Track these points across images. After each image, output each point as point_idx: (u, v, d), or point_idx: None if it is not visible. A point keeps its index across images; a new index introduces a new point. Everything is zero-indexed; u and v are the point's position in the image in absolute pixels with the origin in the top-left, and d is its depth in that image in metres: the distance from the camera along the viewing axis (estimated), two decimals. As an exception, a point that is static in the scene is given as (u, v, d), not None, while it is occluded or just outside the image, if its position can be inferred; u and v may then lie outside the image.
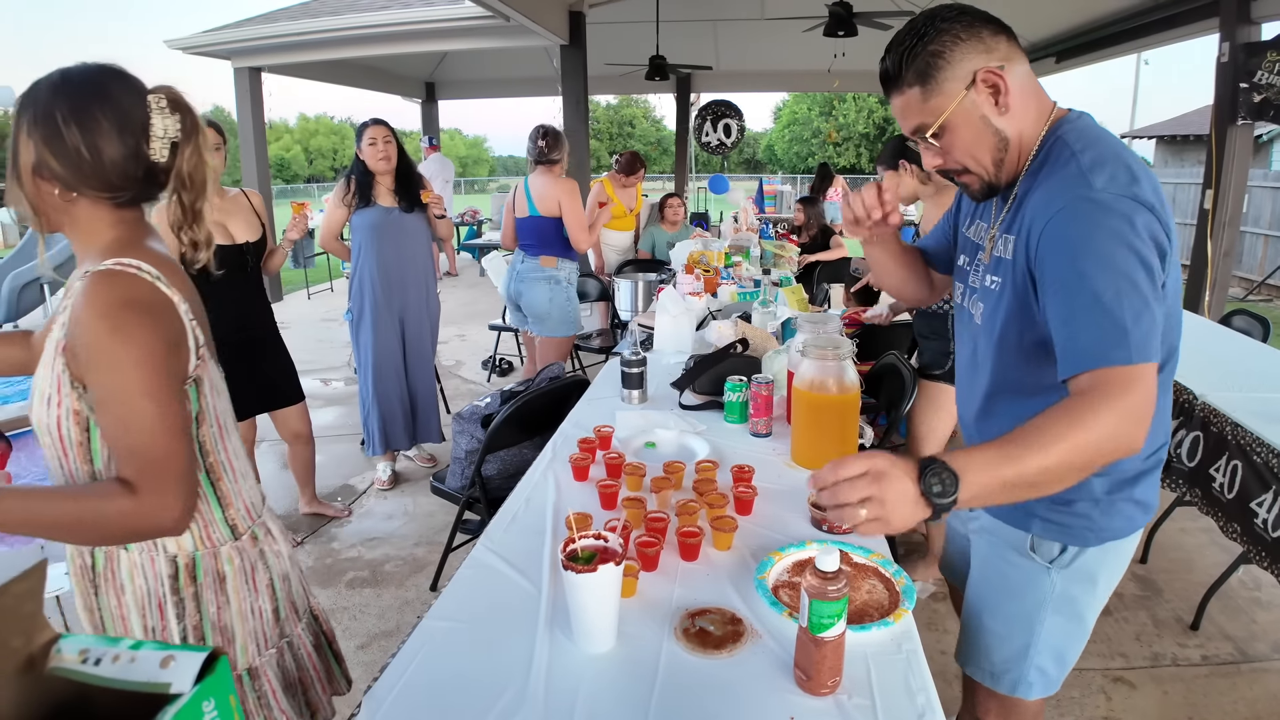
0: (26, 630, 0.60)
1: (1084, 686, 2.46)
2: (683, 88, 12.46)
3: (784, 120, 45.58)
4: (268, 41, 8.36)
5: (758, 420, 2.08)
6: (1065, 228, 1.14)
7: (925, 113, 1.25)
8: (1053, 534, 1.35)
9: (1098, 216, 1.11)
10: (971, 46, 1.20)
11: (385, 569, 3.17)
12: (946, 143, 1.27)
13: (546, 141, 3.96)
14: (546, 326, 4.10)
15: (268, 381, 3.22)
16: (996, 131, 1.24)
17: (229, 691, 0.53)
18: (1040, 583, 1.38)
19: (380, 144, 3.52)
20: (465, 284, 9.84)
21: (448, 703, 1.11)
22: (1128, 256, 1.09)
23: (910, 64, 1.23)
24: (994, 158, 1.26)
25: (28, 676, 0.60)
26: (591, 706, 1.10)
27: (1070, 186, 1.15)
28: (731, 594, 1.37)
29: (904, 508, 1.01)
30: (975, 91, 1.21)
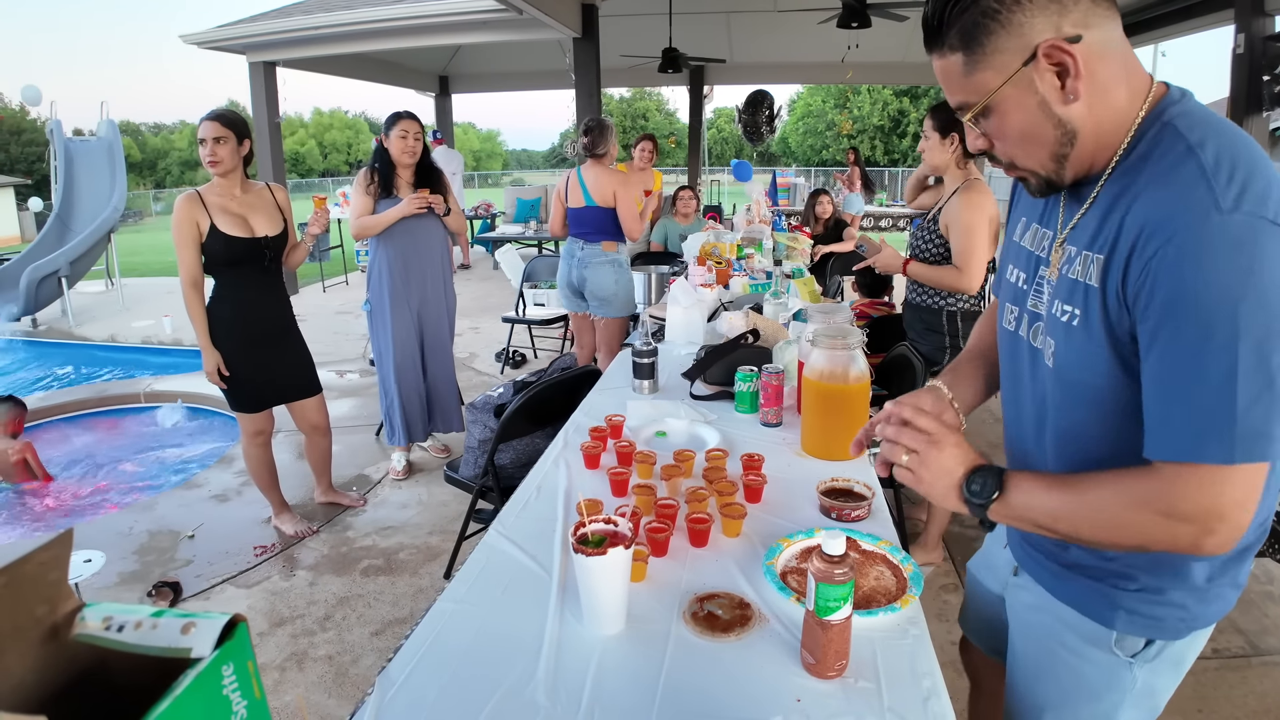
0: (51, 598, 0.61)
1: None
2: (696, 80, 12.44)
3: (798, 113, 45.39)
4: (282, 36, 8.42)
5: (768, 410, 2.09)
6: (1182, 261, 0.86)
7: (968, 89, 0.98)
8: (1139, 628, 1.11)
9: (1228, 250, 0.84)
10: (1038, 7, 0.90)
11: (399, 557, 3.20)
12: (993, 128, 1.00)
13: (590, 138, 4.14)
14: (612, 307, 4.26)
15: (286, 373, 3.26)
16: (1060, 123, 0.95)
17: (248, 657, 0.55)
18: (1121, 679, 1.15)
19: (411, 138, 3.57)
20: (479, 277, 9.88)
21: (459, 682, 1.13)
22: (1264, 309, 0.83)
23: (955, 20, 0.94)
24: (1054, 153, 0.98)
25: (52, 644, 0.62)
26: (601, 686, 1.11)
27: (1190, 198, 0.87)
28: (740, 579, 1.38)
29: (939, 484, 1.03)
30: (1034, 69, 0.92)
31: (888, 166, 26.75)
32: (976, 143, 1.05)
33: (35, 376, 6.97)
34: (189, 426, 5.35)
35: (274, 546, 3.31)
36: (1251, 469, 0.87)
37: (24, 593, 0.59)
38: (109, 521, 3.69)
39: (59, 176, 9.05)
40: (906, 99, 38.09)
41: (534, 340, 6.42)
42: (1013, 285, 1.18)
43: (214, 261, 2.98)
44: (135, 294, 9.31)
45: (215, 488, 3.91)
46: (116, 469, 4.73)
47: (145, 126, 54.37)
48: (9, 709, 0.54)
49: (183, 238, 2.92)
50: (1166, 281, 0.87)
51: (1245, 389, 0.84)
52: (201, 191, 2.97)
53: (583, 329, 4.54)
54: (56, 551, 0.60)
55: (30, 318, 8.10)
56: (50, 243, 8.70)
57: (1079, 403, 1.05)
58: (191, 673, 0.51)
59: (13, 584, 0.58)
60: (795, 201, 10.61)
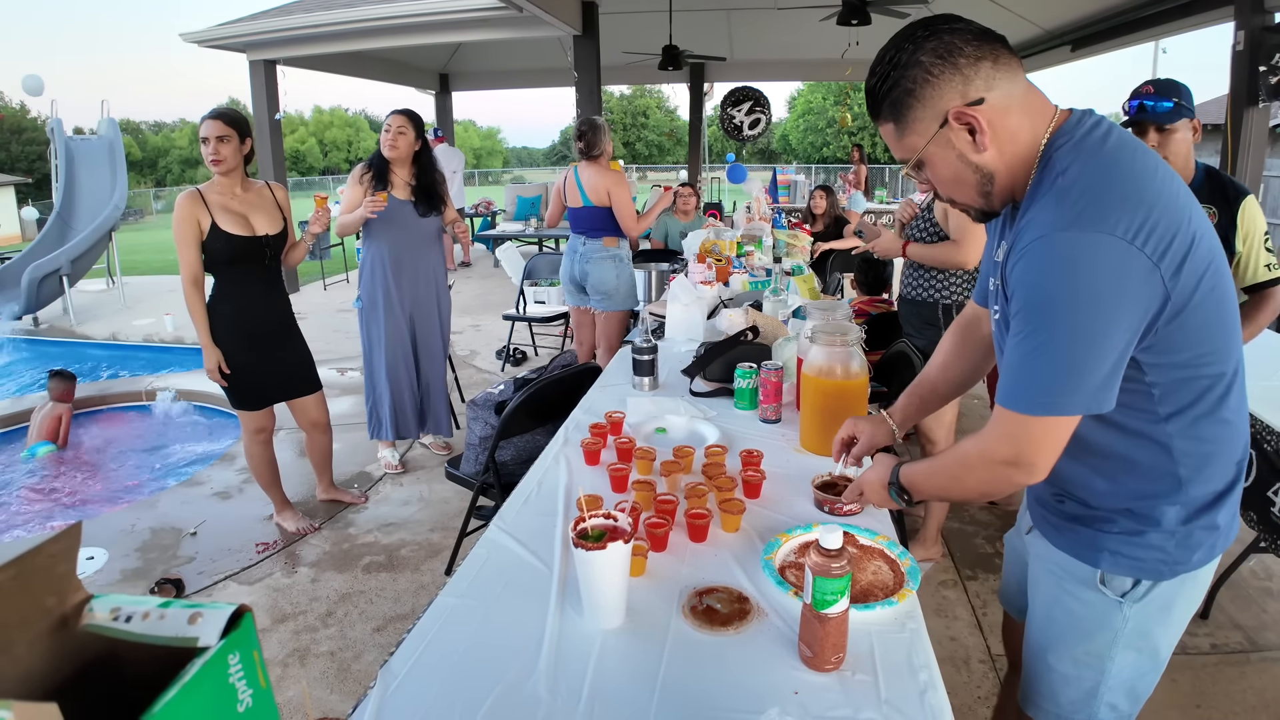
0: (60, 590, 0.63)
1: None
2: (696, 77, 12.43)
3: (799, 109, 45.39)
4: (282, 34, 8.41)
5: (767, 406, 2.10)
6: (1027, 264, 1.08)
7: (902, 149, 1.19)
8: (1124, 568, 1.24)
9: (1055, 262, 1.05)
10: (945, 81, 1.10)
11: (401, 554, 3.21)
12: (929, 176, 1.21)
13: (585, 140, 4.19)
14: (614, 301, 4.32)
15: (286, 371, 3.27)
16: (978, 168, 1.15)
17: (253, 647, 0.56)
18: (1112, 618, 1.27)
19: (393, 131, 3.57)
20: (479, 274, 9.89)
21: (461, 676, 1.14)
22: (1089, 304, 1.03)
23: (885, 97, 1.16)
24: (979, 191, 1.18)
25: (60, 634, 0.63)
26: (601, 679, 1.13)
27: (1040, 218, 1.08)
28: (739, 574, 1.39)
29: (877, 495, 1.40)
30: (949, 130, 1.12)
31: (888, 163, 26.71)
32: (922, 187, 1.37)
33: (37, 375, 6.98)
34: (187, 422, 5.37)
35: (276, 543, 3.32)
36: (1047, 420, 1.10)
37: (33, 584, 0.60)
38: (111, 519, 3.70)
39: (60, 175, 9.05)
40: (907, 96, 38.07)
41: (535, 338, 6.43)
42: (992, 292, 1.32)
43: (215, 260, 2.99)
44: (136, 292, 9.31)
45: (217, 485, 3.92)
46: (118, 466, 4.75)
47: (146, 125, 54.34)
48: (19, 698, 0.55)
49: (184, 236, 2.93)
50: (1014, 280, 1.12)
51: (1050, 363, 1.07)
52: (202, 190, 2.98)
53: (583, 324, 4.57)
54: (65, 544, 0.61)
55: (32, 316, 8.10)
56: (51, 241, 8.70)
57: None
58: (198, 661, 0.53)
59: (22, 575, 0.59)
60: (796, 199, 10.61)
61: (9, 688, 0.56)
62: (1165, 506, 1.19)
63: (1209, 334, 1.12)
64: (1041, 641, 1.38)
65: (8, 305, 8.04)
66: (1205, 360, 1.13)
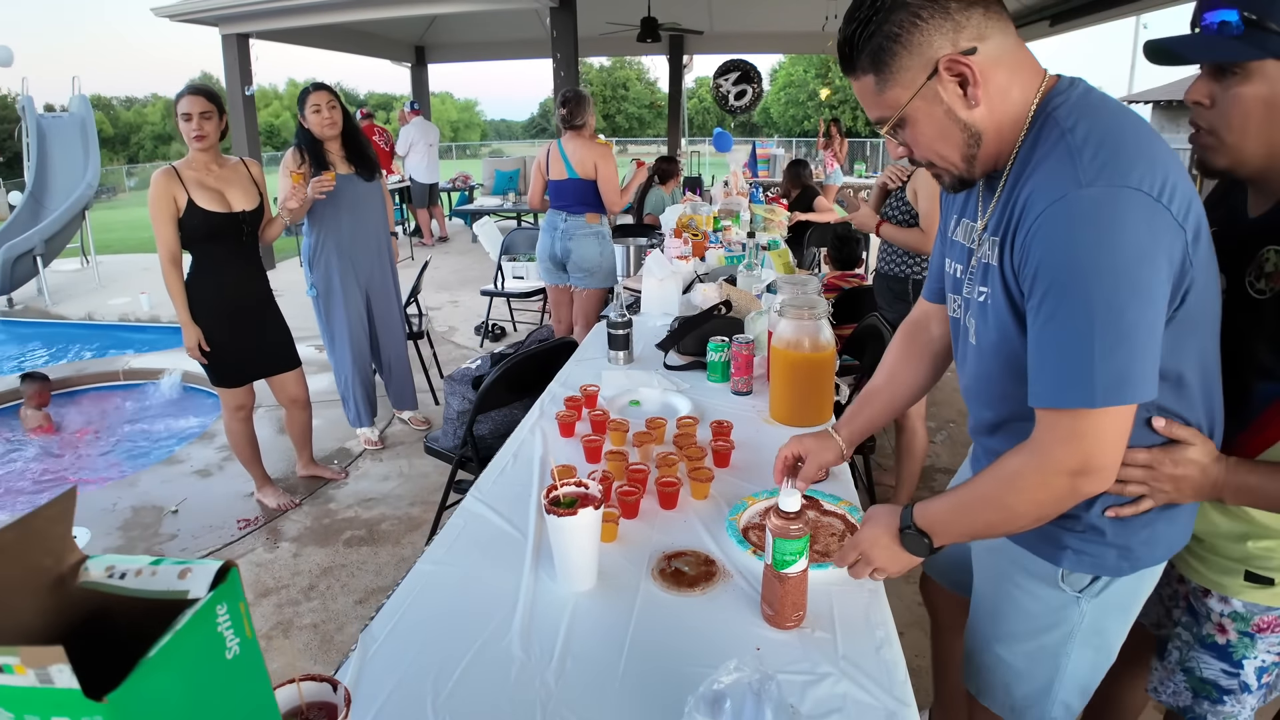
0: (56, 551, 0.67)
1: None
2: (675, 50, 12.37)
3: (780, 83, 45.21)
4: (255, 7, 8.28)
5: (739, 379, 2.15)
6: (1048, 232, 0.97)
7: (882, 105, 1.08)
8: (1085, 565, 1.20)
9: (1083, 221, 0.94)
10: (934, 27, 1.00)
11: (382, 528, 3.26)
12: (909, 137, 1.11)
13: (568, 109, 4.13)
14: (595, 279, 4.31)
15: (266, 348, 3.28)
16: (966, 126, 1.05)
17: (239, 599, 0.61)
18: (1069, 615, 1.24)
19: (325, 109, 3.47)
20: (457, 250, 9.85)
21: (438, 637, 1.19)
22: (1122, 268, 0.93)
23: (864, 46, 1.05)
24: (964, 154, 1.09)
25: (58, 592, 0.68)
26: (572, 638, 1.18)
27: (1057, 177, 0.97)
28: (706, 539, 1.45)
29: (897, 563, 1.22)
30: (938, 82, 1.02)
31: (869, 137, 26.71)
32: (896, 150, 1.15)
33: (12, 355, 6.92)
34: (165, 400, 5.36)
35: (257, 520, 3.35)
36: (1114, 412, 0.98)
37: (32, 545, 0.65)
38: (92, 498, 3.72)
39: (32, 154, 8.90)
40: (887, 69, 38.00)
41: (513, 313, 6.45)
42: (952, 276, 1.27)
43: (192, 237, 2.99)
44: (111, 271, 9.22)
45: (197, 463, 3.94)
46: (97, 446, 4.75)
47: (117, 100, 53.37)
48: (20, 651, 0.59)
49: (160, 214, 2.93)
50: (1036, 252, 0.99)
51: (1103, 337, 0.94)
52: (178, 167, 2.98)
53: (561, 302, 4.57)
54: (61, 507, 0.66)
55: (6, 297, 8.01)
56: (24, 221, 8.57)
57: (1000, 373, 1.16)
58: (189, 611, 0.57)
59: (22, 537, 0.64)
60: (775, 173, 10.62)
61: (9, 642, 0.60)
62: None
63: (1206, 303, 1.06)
64: (989, 633, 1.36)
65: (-20, 286, 7.95)
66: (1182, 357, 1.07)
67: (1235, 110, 1.10)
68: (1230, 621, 1.30)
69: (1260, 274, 1.16)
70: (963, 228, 1.24)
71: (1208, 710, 1.37)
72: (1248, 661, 1.31)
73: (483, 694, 1.08)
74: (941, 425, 4.15)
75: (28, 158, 8.99)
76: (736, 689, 0.91)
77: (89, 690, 0.51)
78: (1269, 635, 1.28)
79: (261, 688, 0.66)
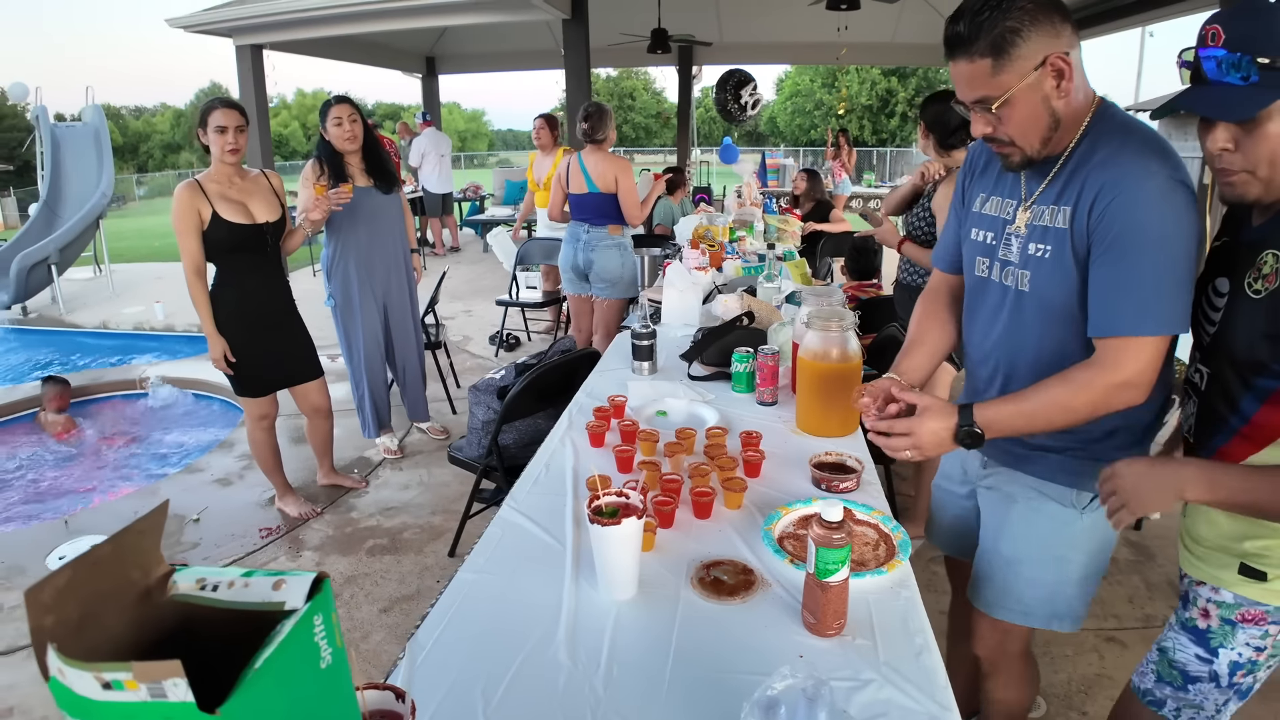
0: (145, 564, 0.69)
1: (1077, 645, 2.57)
2: (685, 60, 12.42)
3: (786, 92, 45.27)
4: (269, 18, 8.36)
5: (764, 389, 2.17)
6: (1129, 207, 1.26)
7: (992, 86, 1.30)
8: (1083, 485, 1.49)
9: (1155, 200, 1.25)
10: (1044, 29, 1.25)
11: (404, 537, 3.28)
12: (1005, 115, 1.32)
13: (590, 123, 4.18)
14: (617, 289, 4.36)
15: (289, 357, 3.32)
16: (1053, 112, 1.31)
17: (332, 609, 0.63)
18: (1072, 527, 1.52)
19: (346, 123, 3.49)
20: (469, 260, 9.90)
21: (484, 644, 1.21)
22: (1177, 237, 1.25)
23: (985, 34, 1.26)
24: (1043, 136, 1.33)
25: (144, 605, 0.69)
26: (618, 646, 1.20)
27: (1132, 166, 1.27)
28: (742, 548, 1.47)
29: (937, 450, 1.42)
30: (1042, 74, 1.27)
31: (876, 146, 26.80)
32: (982, 128, 1.38)
33: (28, 364, 6.98)
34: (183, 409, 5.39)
35: (279, 528, 3.38)
36: (1160, 339, 1.30)
37: (125, 559, 0.67)
38: (113, 506, 3.75)
39: (46, 163, 8.98)
40: (894, 78, 38.03)
41: (527, 323, 6.48)
42: (981, 244, 1.55)
43: (216, 249, 3.02)
44: (124, 280, 9.28)
45: (217, 472, 3.97)
46: (116, 455, 4.79)
47: (126, 110, 53.70)
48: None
49: (185, 226, 2.96)
50: (1118, 219, 1.28)
51: (1167, 283, 1.26)
52: (201, 180, 3.01)
53: (582, 312, 4.60)
54: (152, 521, 0.67)
55: (21, 305, 8.06)
56: (39, 230, 8.63)
57: (1041, 318, 1.44)
58: (289, 622, 0.59)
59: (117, 551, 0.65)
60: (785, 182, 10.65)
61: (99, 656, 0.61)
62: (1121, 432, 1.45)
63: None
64: (1011, 555, 1.60)
65: (-5, 294, 8.01)
66: None
67: (1264, 149, 1.20)
68: (1215, 608, 1.36)
69: (1259, 275, 1.27)
70: (992, 203, 1.52)
71: (1167, 695, 1.43)
72: (1224, 651, 1.35)
73: (533, 701, 1.10)
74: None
75: (41, 167, 9.06)
76: (790, 695, 0.93)
77: (201, 704, 0.52)
78: (1250, 627, 1.32)
79: (348, 697, 0.68)
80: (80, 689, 0.54)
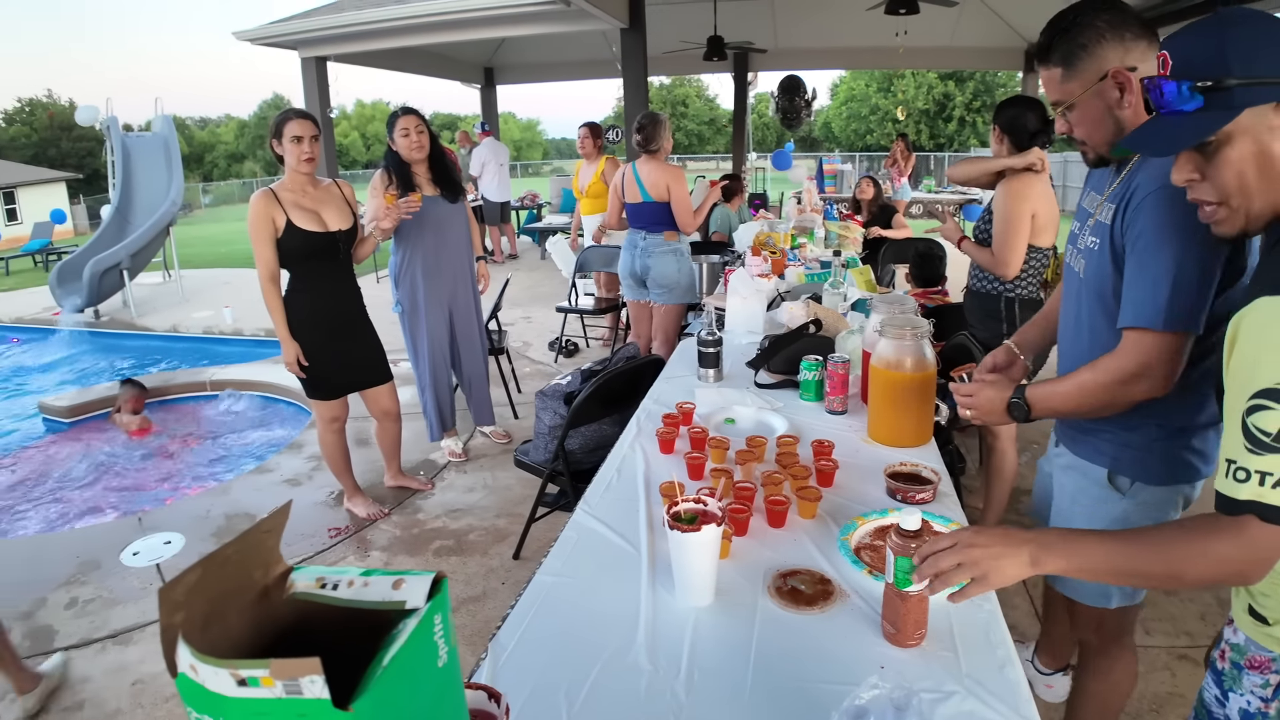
0: (266, 563, 0.71)
1: (1149, 663, 2.50)
2: (740, 67, 12.41)
3: (841, 97, 44.87)
4: (333, 31, 8.59)
5: (834, 398, 2.16)
6: (1154, 207, 1.36)
7: (1063, 91, 1.47)
8: (1124, 469, 1.58)
9: (1176, 204, 1.31)
10: (1112, 45, 1.39)
11: (469, 539, 3.33)
12: (1075, 118, 1.49)
13: (644, 134, 4.22)
14: (674, 295, 4.38)
15: (360, 362, 3.40)
16: (1117, 120, 1.43)
17: (449, 609, 0.65)
18: (1113, 507, 1.60)
19: (414, 134, 3.56)
20: (527, 267, 10.01)
21: (565, 646, 1.23)
22: (1193, 241, 1.32)
23: (1059, 46, 1.44)
24: (1109, 140, 1.46)
25: (263, 604, 0.72)
26: (697, 651, 1.21)
27: (1159, 172, 1.34)
28: (818, 557, 1.46)
29: (993, 416, 1.61)
30: (1107, 84, 1.40)
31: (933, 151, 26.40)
32: (1060, 127, 1.54)
33: (100, 366, 7.26)
34: (251, 412, 5.55)
35: (348, 529, 3.46)
36: (1172, 336, 1.36)
37: (249, 558, 0.69)
38: (186, 505, 3.88)
39: (117, 172, 9.29)
40: (951, 82, 37.41)
41: (585, 329, 6.53)
42: (1073, 233, 1.68)
43: (290, 256, 3.11)
44: (193, 285, 9.58)
45: (286, 472, 4.07)
46: (188, 454, 4.95)
47: (191, 120, 55.53)
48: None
49: (260, 234, 3.06)
50: (1142, 218, 1.38)
51: (1179, 285, 1.33)
52: (275, 189, 3.10)
53: (640, 318, 4.64)
54: (276, 521, 0.70)
55: (93, 309, 8.36)
56: (111, 236, 8.94)
57: (1094, 307, 1.57)
58: (412, 620, 0.61)
59: (242, 550, 0.68)
60: (842, 188, 10.55)
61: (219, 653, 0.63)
62: (1153, 427, 1.51)
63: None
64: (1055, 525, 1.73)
65: (70, 299, 8.30)
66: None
67: (1229, 175, 1.07)
68: (1229, 650, 1.28)
69: None
70: (1088, 197, 1.63)
71: None
72: (1234, 696, 1.28)
73: (616, 704, 1.11)
74: (1025, 446, 4.07)
75: (112, 175, 9.38)
76: (878, 704, 0.93)
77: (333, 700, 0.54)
78: (1254, 674, 1.24)
79: (459, 695, 0.70)
80: (213, 685, 0.56)
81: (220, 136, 52.68)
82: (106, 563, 3.21)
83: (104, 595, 2.97)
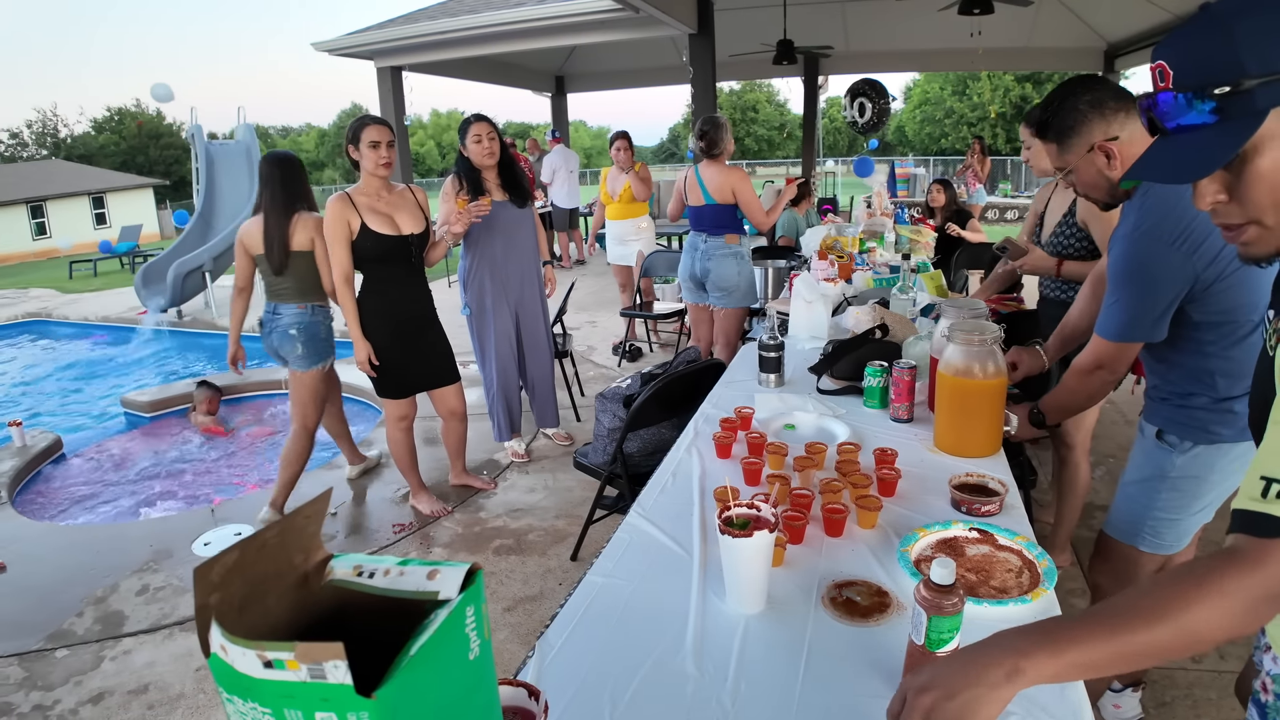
0: (306, 549, 0.72)
1: (1220, 689, 2.36)
2: (810, 70, 12.27)
3: (914, 100, 44.06)
4: (408, 41, 8.80)
5: (899, 405, 2.10)
6: (1122, 252, 1.70)
7: (1060, 160, 1.81)
8: (1176, 429, 1.80)
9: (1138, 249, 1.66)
10: (1094, 121, 1.71)
11: (529, 539, 3.35)
12: (1076, 179, 1.81)
13: (706, 140, 4.21)
14: (733, 298, 4.36)
15: (429, 362, 3.47)
16: (1109, 180, 1.74)
17: (482, 601, 0.64)
18: (1164, 463, 1.82)
19: (485, 140, 3.61)
20: (594, 272, 10.06)
21: (613, 648, 1.22)
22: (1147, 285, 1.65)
23: (1052, 126, 1.77)
24: (1106, 196, 1.80)
25: (302, 589, 0.72)
26: (746, 659, 1.18)
27: (1125, 221, 1.71)
28: (876, 569, 1.42)
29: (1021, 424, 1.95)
30: (1093, 154, 1.73)
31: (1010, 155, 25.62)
32: (1067, 184, 1.88)
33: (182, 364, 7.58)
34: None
35: (411, 525, 3.52)
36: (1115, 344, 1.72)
37: (289, 543, 0.69)
38: (255, 498, 4.00)
39: (201, 178, 9.68)
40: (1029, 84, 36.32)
41: (649, 334, 6.53)
42: None
43: (364, 258, 3.19)
44: (273, 288, 9.88)
45: (352, 469, 4.16)
46: (260, 450, 5.10)
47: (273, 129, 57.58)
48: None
49: (335, 237, 3.14)
50: (1115, 255, 1.71)
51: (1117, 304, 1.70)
52: (351, 193, 3.18)
53: (700, 321, 4.61)
54: (316, 507, 0.70)
55: (176, 309, 8.73)
56: (194, 240, 9.32)
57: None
58: (443, 611, 0.60)
59: (283, 534, 0.68)
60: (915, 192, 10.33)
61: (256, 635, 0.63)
62: (1201, 394, 1.74)
63: (1236, 297, 1.63)
64: (1126, 478, 1.95)
65: (154, 299, 8.69)
66: (1234, 313, 1.65)
67: (1262, 190, 0.89)
68: (1271, 681, 1.16)
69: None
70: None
71: None
72: None
73: (660, 708, 1.09)
74: (1101, 460, 3.91)
75: (196, 181, 9.76)
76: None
77: (357, 687, 0.54)
78: None
79: (492, 689, 0.69)
80: (242, 666, 0.56)
81: (301, 145, 54.50)
82: (179, 552, 3.33)
83: (174, 583, 3.08)
